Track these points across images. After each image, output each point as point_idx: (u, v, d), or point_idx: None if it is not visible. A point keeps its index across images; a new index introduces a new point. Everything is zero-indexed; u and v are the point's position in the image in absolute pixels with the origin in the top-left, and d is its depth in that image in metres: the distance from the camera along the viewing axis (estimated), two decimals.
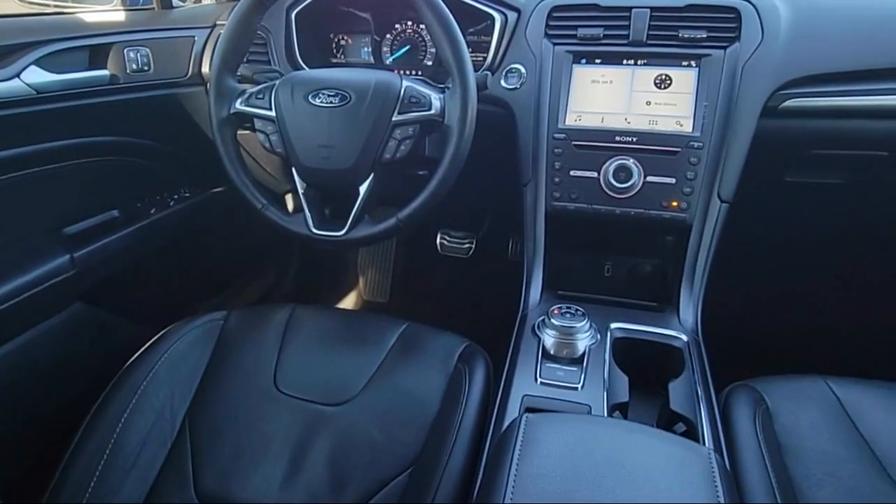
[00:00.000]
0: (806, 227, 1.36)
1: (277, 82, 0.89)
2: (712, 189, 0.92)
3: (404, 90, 0.84)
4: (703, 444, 0.68)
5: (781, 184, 1.07)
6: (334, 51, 1.20)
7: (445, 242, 1.67)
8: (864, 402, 0.77)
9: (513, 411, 0.72)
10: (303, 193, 0.91)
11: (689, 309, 0.92)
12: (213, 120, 0.90)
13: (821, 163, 1.03)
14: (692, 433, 0.70)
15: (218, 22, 1.19)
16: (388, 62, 1.17)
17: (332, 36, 1.19)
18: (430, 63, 1.14)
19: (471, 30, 1.09)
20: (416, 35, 1.14)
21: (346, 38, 1.19)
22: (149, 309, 1.23)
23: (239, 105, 0.89)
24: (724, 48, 0.93)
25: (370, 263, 1.87)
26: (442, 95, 0.84)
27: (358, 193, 0.88)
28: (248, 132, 0.92)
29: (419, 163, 0.98)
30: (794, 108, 0.93)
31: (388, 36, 1.16)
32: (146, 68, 1.09)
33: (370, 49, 1.17)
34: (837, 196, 1.14)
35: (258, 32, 1.09)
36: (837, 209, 1.22)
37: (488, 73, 0.90)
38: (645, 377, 0.83)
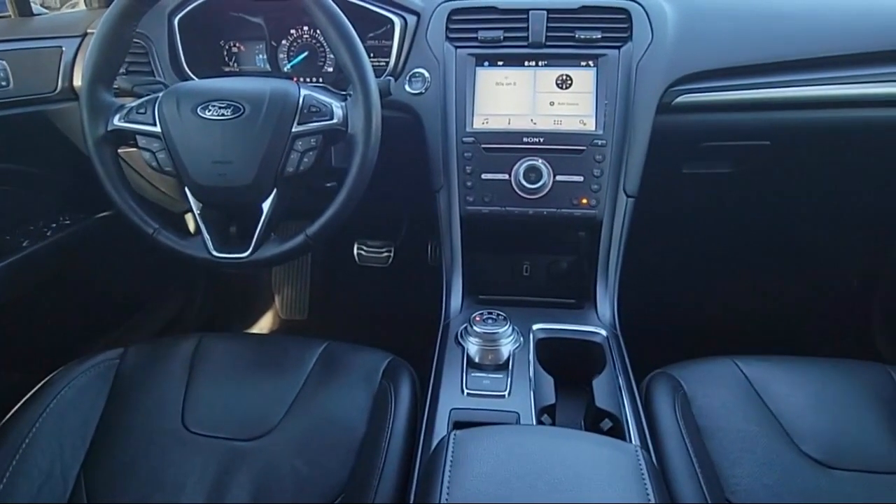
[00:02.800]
0: (704, 215, 1.44)
1: (160, 95, 0.82)
2: (618, 185, 0.95)
3: (303, 99, 0.80)
4: (629, 438, 0.69)
5: (679, 176, 1.13)
6: (226, 59, 1.12)
7: (363, 253, 1.63)
8: (768, 378, 0.82)
9: (441, 427, 0.70)
10: (199, 214, 0.84)
11: (605, 303, 0.94)
12: (87, 139, 0.81)
13: (711, 154, 1.10)
14: (618, 428, 0.71)
15: (89, 30, 1.08)
16: (285, 69, 1.11)
17: (222, 43, 1.12)
18: (330, 70, 1.10)
19: (371, 35, 1.06)
20: (314, 41, 1.10)
21: (238, 45, 1.12)
22: (29, 354, 1.10)
23: (118, 121, 0.81)
24: (619, 48, 0.96)
25: (285, 281, 1.78)
26: (344, 103, 0.81)
27: (261, 211, 0.82)
28: (134, 149, 0.84)
29: (326, 174, 0.93)
30: (685, 104, 0.98)
31: (283, 42, 1.10)
32: (4, 83, 0.97)
33: (266, 56, 1.11)
34: (727, 184, 1.21)
35: (137, 41, 1.00)
36: (728, 197, 1.31)
37: (391, 78, 0.87)
38: (570, 375, 0.83)
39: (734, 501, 0.68)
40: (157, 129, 0.80)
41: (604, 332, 0.87)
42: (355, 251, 1.63)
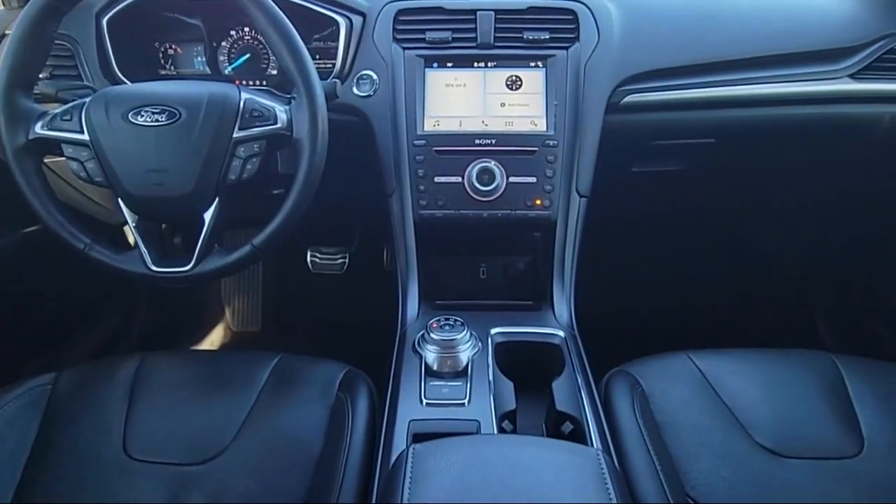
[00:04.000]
0: (655, 213, 1.47)
1: (88, 100, 0.76)
2: (570, 185, 0.95)
3: (244, 103, 0.76)
4: (590, 441, 0.69)
5: (629, 174, 1.14)
6: (162, 61, 1.07)
7: (317, 260, 1.59)
8: (721, 371, 0.84)
9: (400, 441, 0.68)
10: (135, 226, 0.79)
11: (562, 304, 0.94)
12: (6, 149, 0.75)
13: (660, 152, 1.12)
14: (579, 430, 0.71)
15: (7, 32, 1.00)
16: (226, 72, 1.06)
17: (157, 45, 1.06)
18: (274, 72, 1.06)
19: (316, 36, 1.02)
20: (256, 42, 1.05)
21: (174, 46, 1.06)
22: None
23: (40, 129, 0.75)
24: (567, 49, 0.97)
25: (236, 291, 1.72)
26: (288, 107, 0.78)
27: (203, 221, 0.78)
28: (62, 158, 0.78)
29: (272, 181, 0.90)
30: (633, 104, 0.99)
31: (223, 43, 1.05)
32: None
33: (204, 58, 1.06)
34: (677, 182, 1.24)
35: (61, 42, 0.94)
36: (678, 194, 1.34)
37: (337, 80, 0.85)
38: (530, 378, 0.82)
39: (694, 496, 0.69)
40: (85, 136, 0.75)
41: (561, 334, 0.87)
42: (308, 258, 1.58)
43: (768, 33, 1.02)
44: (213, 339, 1.69)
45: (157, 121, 0.74)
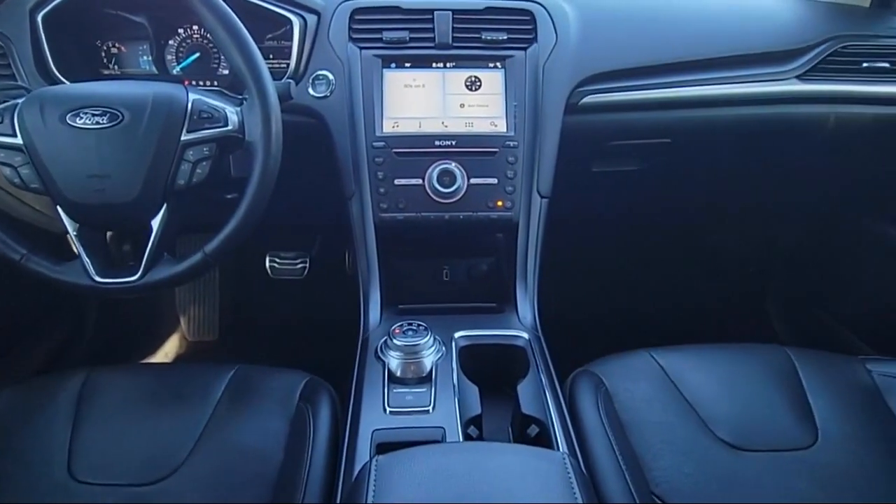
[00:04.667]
0: (615, 212, 1.49)
1: (21, 101, 0.72)
2: (532, 186, 0.95)
3: (192, 104, 0.73)
4: (556, 443, 0.69)
5: (589, 175, 1.15)
6: (105, 61, 1.01)
7: (276, 265, 1.54)
8: (682, 367, 0.85)
9: (363, 451, 0.66)
10: (76, 235, 0.75)
11: (526, 306, 0.93)
12: None
13: (619, 152, 1.13)
14: (545, 433, 0.71)
15: None
16: (175, 72, 1.02)
17: (99, 43, 1.01)
18: (226, 72, 1.02)
19: (269, 35, 0.99)
20: (206, 40, 1.01)
21: (118, 45, 1.01)
22: None
23: None
24: (525, 49, 0.97)
25: (191, 299, 1.66)
26: (239, 108, 0.75)
27: (150, 229, 0.74)
28: None
29: (225, 185, 0.86)
30: (591, 104, 1.00)
31: (171, 42, 1.01)
32: None
33: (151, 57, 1.01)
34: (635, 182, 1.26)
35: None
36: (637, 194, 1.36)
37: (291, 81, 0.82)
38: (495, 381, 0.82)
39: (658, 494, 0.69)
40: (18, 140, 0.70)
41: (525, 335, 0.87)
42: (267, 264, 1.54)
43: (720, 35, 1.05)
44: (168, 350, 1.63)
45: (97, 123, 0.70)
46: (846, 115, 1.08)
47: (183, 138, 0.72)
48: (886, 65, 1.06)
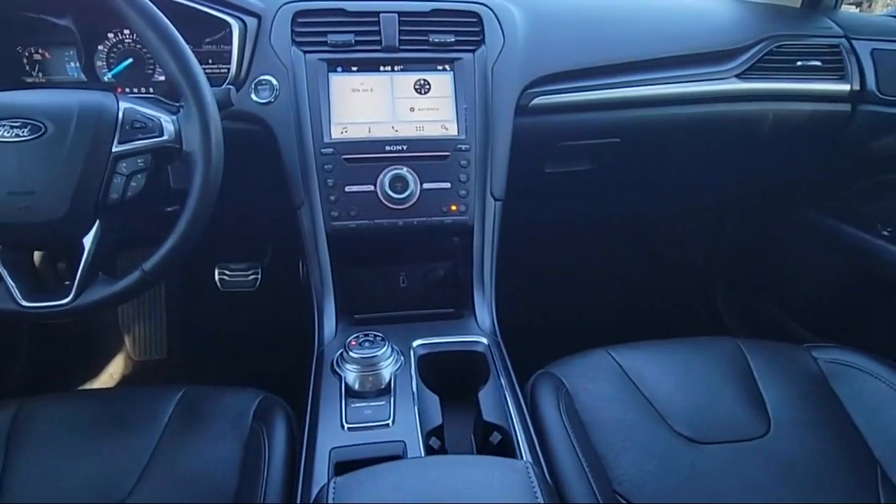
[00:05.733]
0: (570, 212, 1.51)
1: None
2: (485, 189, 0.94)
3: (123, 113, 0.68)
4: (518, 450, 0.68)
5: (542, 175, 1.16)
6: (27, 68, 0.95)
7: (226, 277, 1.48)
8: (639, 364, 0.86)
9: (321, 472, 0.63)
10: None
11: (484, 310, 0.92)
12: None
13: (570, 153, 1.14)
14: (507, 440, 0.70)
15: None
16: (106, 79, 0.96)
17: (20, 49, 0.94)
18: (162, 78, 0.97)
19: (207, 40, 0.95)
20: (139, 45, 0.96)
21: (41, 51, 0.95)
22: None
23: None
24: (473, 51, 0.96)
25: (136, 316, 1.57)
26: (175, 117, 0.71)
27: (82, 247, 0.69)
28: None
29: (164, 197, 0.82)
30: (541, 106, 1.00)
31: (100, 47, 0.95)
32: None
33: (79, 64, 0.95)
34: (588, 181, 1.27)
35: None
36: (590, 193, 1.38)
37: (231, 87, 0.78)
38: (456, 389, 0.80)
39: (622, 492, 0.70)
40: None
41: (485, 340, 0.85)
42: (217, 276, 1.48)
43: (663, 37, 1.07)
44: (113, 372, 1.54)
45: (17, 136, 0.65)
46: (784, 112, 1.13)
47: (114, 150, 0.68)
48: (818, 63, 1.11)
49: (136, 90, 0.96)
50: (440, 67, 0.95)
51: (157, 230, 0.72)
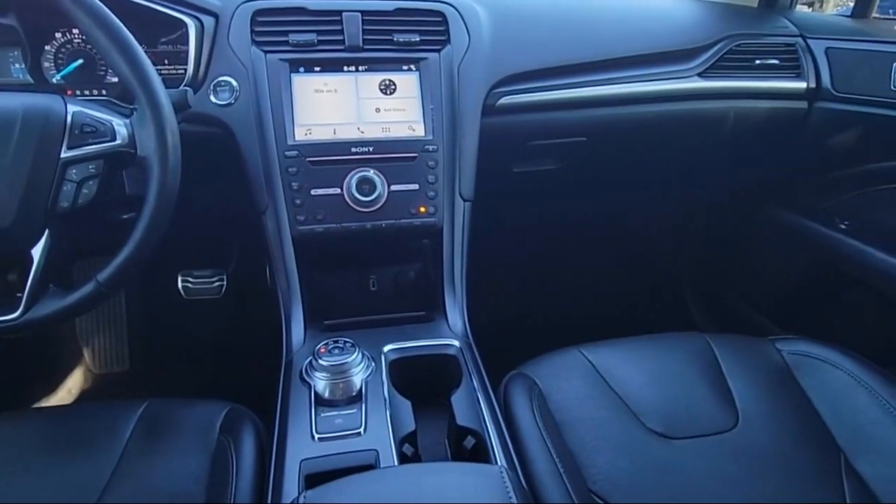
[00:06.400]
0: (539, 212, 1.51)
1: None
2: (454, 190, 0.93)
3: (72, 116, 0.65)
4: (493, 454, 0.67)
5: (511, 175, 1.16)
6: None
7: (189, 285, 1.44)
8: (610, 362, 0.86)
9: (291, 485, 0.61)
10: None
11: (455, 313, 0.91)
12: None
13: (538, 152, 1.14)
14: (482, 444, 0.69)
15: None
16: (55, 81, 0.91)
17: None
18: (115, 79, 0.93)
19: (163, 39, 0.91)
20: (90, 45, 0.92)
21: None
22: None
23: None
24: (438, 51, 0.95)
25: (95, 327, 1.51)
26: (128, 120, 0.68)
27: (31, 259, 0.66)
28: None
29: (120, 204, 0.78)
30: (508, 105, 1.00)
31: (48, 47, 0.90)
32: None
33: (25, 65, 0.90)
34: (556, 180, 1.28)
35: None
36: (558, 192, 1.38)
37: (188, 88, 0.75)
38: (429, 393, 0.79)
39: (596, 491, 0.70)
40: None
41: (457, 343, 0.85)
42: (180, 284, 1.43)
43: (626, 36, 1.08)
44: (72, 387, 1.47)
45: None
46: (744, 109, 1.15)
47: (63, 156, 0.64)
48: (776, 61, 1.14)
49: (87, 92, 0.92)
50: (405, 67, 0.94)
51: (114, 238, 0.69)
